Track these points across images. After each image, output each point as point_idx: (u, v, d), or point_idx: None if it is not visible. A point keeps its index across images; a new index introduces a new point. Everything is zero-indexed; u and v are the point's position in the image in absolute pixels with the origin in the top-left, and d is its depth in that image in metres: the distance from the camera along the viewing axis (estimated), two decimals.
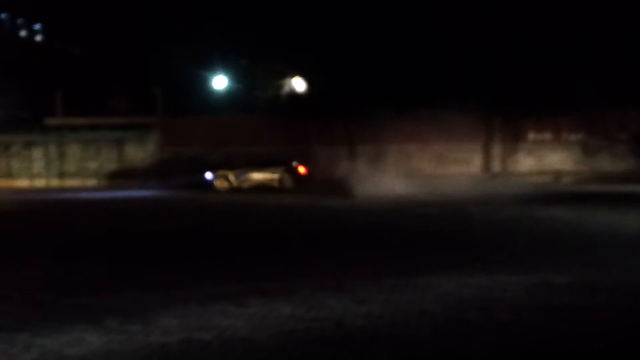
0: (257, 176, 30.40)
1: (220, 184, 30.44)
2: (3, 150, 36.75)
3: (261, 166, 30.52)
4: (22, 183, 35.63)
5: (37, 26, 49.89)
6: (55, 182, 35.96)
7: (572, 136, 34.98)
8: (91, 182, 35.83)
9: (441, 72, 29.86)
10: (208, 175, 30.84)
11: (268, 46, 34.95)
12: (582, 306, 8.01)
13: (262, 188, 29.97)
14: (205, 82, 38.97)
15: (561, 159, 34.62)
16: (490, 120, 34.63)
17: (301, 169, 30.60)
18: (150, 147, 36.11)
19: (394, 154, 32.67)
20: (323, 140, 33.43)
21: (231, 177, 30.47)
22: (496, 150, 34.89)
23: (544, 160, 34.70)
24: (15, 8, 46.93)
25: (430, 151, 34.44)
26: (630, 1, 30.06)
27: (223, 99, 38.62)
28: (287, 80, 37.57)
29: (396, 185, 26.15)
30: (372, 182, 26.94)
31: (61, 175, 36.28)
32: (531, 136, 35.11)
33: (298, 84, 37.65)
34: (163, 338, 6.91)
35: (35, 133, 37.23)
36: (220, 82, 38.67)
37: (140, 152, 36.10)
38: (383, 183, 26.66)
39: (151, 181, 34.21)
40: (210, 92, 38.97)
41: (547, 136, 35.15)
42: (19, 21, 48.81)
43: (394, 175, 28.35)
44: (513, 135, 34.72)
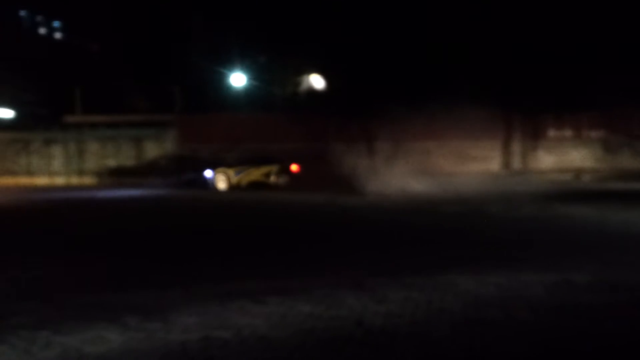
0: (255, 174, 30.30)
1: (220, 182, 30.14)
2: (23, 147, 36.95)
3: (257, 164, 30.50)
4: (42, 180, 35.83)
5: (56, 23, 50.17)
6: (74, 180, 36.14)
7: (593, 133, 34.79)
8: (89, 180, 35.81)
9: (461, 68, 29.75)
10: (208, 173, 30.36)
11: (286, 43, 34.98)
12: (602, 305, 7.95)
13: (259, 186, 29.89)
14: (223, 80, 39.04)
15: (582, 157, 34.43)
16: (510, 117, 34.49)
17: (294, 167, 30.55)
18: (168, 145, 36.23)
19: (412, 151, 32.60)
20: (341, 137, 33.41)
21: (231, 175, 30.32)
22: (516, 147, 34.75)
23: (565, 157, 34.52)
24: (34, 5, 47.23)
25: (449, 148, 34.31)
26: None
27: (241, 97, 38.66)
28: (305, 77, 37.59)
29: (413, 182, 26.08)
30: (389, 180, 26.88)
31: (80, 172, 36.47)
32: (551, 133, 34.93)
33: (316, 81, 37.65)
34: (182, 336, 6.92)
35: (54, 130, 37.41)
36: (238, 80, 38.73)
37: (158, 150, 36.22)
38: (400, 180, 26.59)
39: (148, 179, 34.00)
40: (228, 90, 39.03)
41: (568, 133, 34.96)
42: (38, 18, 49.10)
43: (412, 172, 28.28)
44: (533, 132, 34.55)
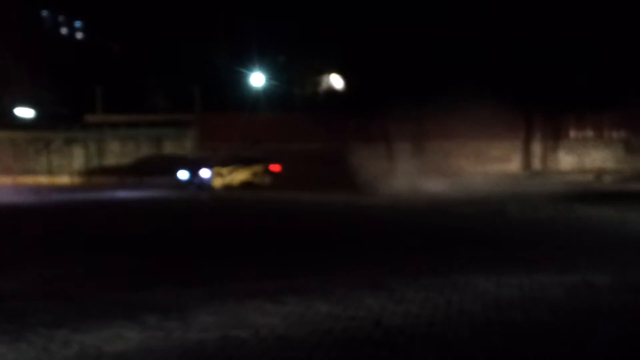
0: (245, 173, 30.38)
1: (216, 182, 29.95)
2: (44, 146, 37.22)
3: (246, 164, 30.60)
4: (63, 180, 36.02)
5: (78, 24, 50.47)
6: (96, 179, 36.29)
7: (614, 134, 34.54)
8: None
9: (481, 69, 29.61)
10: (205, 173, 30.07)
11: (305, 43, 34.99)
12: (622, 307, 7.88)
13: (248, 185, 29.94)
14: (243, 80, 39.12)
15: (603, 157, 34.20)
16: (530, 117, 34.32)
17: (275, 167, 30.83)
18: (188, 144, 36.36)
19: (432, 152, 32.49)
20: (360, 137, 33.34)
21: (225, 174, 30.24)
22: (536, 147, 34.56)
23: (585, 158, 34.30)
24: (56, 5, 47.54)
25: (468, 149, 34.16)
26: None
27: (260, 96, 38.74)
28: (325, 77, 37.59)
29: (431, 183, 25.99)
30: (407, 180, 26.82)
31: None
32: (572, 134, 34.72)
33: (336, 81, 37.63)
34: (200, 335, 6.93)
35: (75, 130, 37.66)
36: (257, 79, 38.78)
37: (179, 149, 36.34)
38: (418, 181, 26.52)
39: (132, 180, 33.80)
40: (248, 90, 39.11)
41: (589, 134, 34.74)
42: (60, 19, 49.41)
43: (430, 172, 28.20)
44: (553, 132, 34.37)
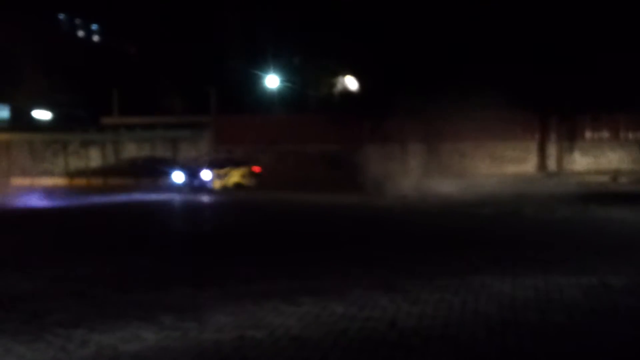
0: (236, 175, 30.88)
1: (216, 184, 30.39)
2: (61, 148, 37.47)
3: (235, 166, 31.28)
4: (80, 182, 36.20)
5: (94, 26, 50.79)
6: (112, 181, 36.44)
7: (630, 134, 34.34)
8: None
9: (497, 70, 29.50)
10: (206, 175, 30.48)
11: (320, 44, 35.00)
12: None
13: (238, 187, 30.43)
14: (258, 81, 39.21)
15: (619, 158, 34.00)
16: (546, 118, 34.17)
17: (256, 168, 31.68)
18: (203, 146, 36.48)
19: (447, 153, 32.44)
20: (375, 138, 33.32)
21: (223, 176, 30.69)
22: (552, 149, 34.42)
23: (601, 159, 34.12)
24: (73, 9, 47.84)
25: (484, 150, 34.08)
26: None
27: (275, 98, 38.81)
28: (340, 78, 37.59)
29: (447, 184, 25.94)
30: (422, 181, 26.80)
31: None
32: (588, 135, 34.55)
33: (350, 82, 37.63)
34: (216, 335, 6.96)
35: (92, 132, 37.89)
36: (272, 81, 38.85)
37: (194, 151, 36.47)
38: (433, 182, 26.47)
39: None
40: (262, 91, 39.19)
41: (605, 134, 34.56)
42: (77, 22, 49.73)
43: (445, 173, 28.15)
44: (569, 133, 34.19)
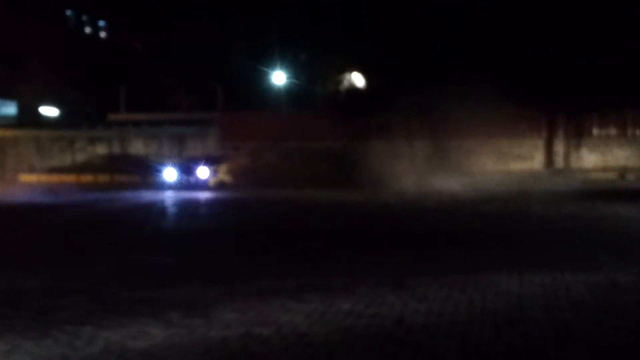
0: (221, 172, 31.50)
1: (211, 181, 30.82)
2: (68, 145, 37.52)
3: (218, 163, 32.03)
4: (87, 178, 36.22)
5: (102, 23, 50.85)
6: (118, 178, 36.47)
7: (638, 131, 34.23)
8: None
9: (503, 66, 29.44)
10: (203, 172, 30.76)
11: (327, 41, 34.97)
12: None
13: (221, 184, 30.90)
14: (264, 78, 39.20)
15: (626, 155, 33.90)
16: (553, 115, 34.09)
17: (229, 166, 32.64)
18: (210, 143, 36.49)
19: (454, 150, 32.38)
20: (382, 135, 33.27)
21: (217, 173, 31.32)
22: (559, 146, 34.34)
23: (609, 156, 34.02)
24: (80, 5, 47.90)
25: (490, 147, 34.01)
26: None
27: (282, 95, 38.80)
28: (346, 75, 37.56)
29: (454, 181, 25.93)
30: (429, 178, 26.79)
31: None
32: (595, 131, 34.46)
33: (357, 79, 37.59)
34: (224, 332, 6.97)
35: (99, 128, 37.92)
36: (279, 78, 38.84)
37: (201, 147, 36.49)
38: (440, 179, 26.47)
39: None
40: (269, 88, 39.18)
41: (612, 131, 34.46)
42: (84, 18, 49.78)
43: (452, 170, 28.12)
44: (576, 130, 34.11)
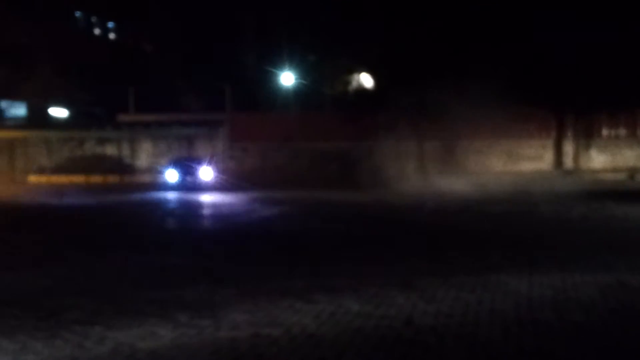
0: (203, 173, 31.19)
1: (191, 181, 30.74)
2: (78, 146, 37.63)
3: (200, 164, 31.75)
4: (96, 179, 36.31)
5: (111, 24, 50.95)
6: (127, 179, 36.53)
7: None
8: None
9: (512, 67, 29.38)
10: (206, 172, 30.77)
11: (335, 42, 34.97)
12: None
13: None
14: (273, 79, 39.21)
15: (636, 156, 33.82)
16: (562, 116, 34.01)
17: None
18: (219, 143, 36.54)
19: (463, 150, 32.35)
20: (390, 136, 33.23)
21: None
22: (568, 146, 34.25)
23: (618, 157, 33.93)
24: (89, 7, 48.00)
25: (500, 147, 33.97)
26: None
27: (290, 95, 38.80)
28: (355, 76, 37.55)
29: (462, 181, 25.91)
30: (438, 179, 26.80)
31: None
32: (605, 132, 34.36)
33: (366, 80, 37.57)
34: (232, 333, 6.98)
35: (108, 129, 38.01)
36: (288, 79, 38.85)
37: (209, 148, 36.54)
38: (449, 179, 26.45)
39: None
40: (278, 89, 39.19)
41: (622, 132, 34.36)
42: (93, 20, 49.88)
43: (461, 171, 28.11)
44: (586, 131, 34.02)
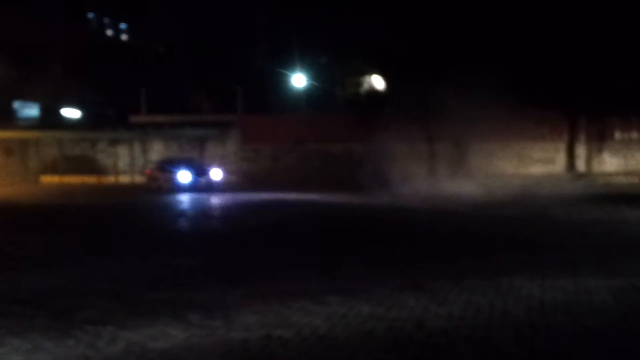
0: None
1: (167, 184, 30.50)
2: (90, 146, 37.79)
3: (185, 166, 31.54)
4: (108, 179, 36.46)
5: (123, 26, 51.12)
6: (139, 179, 36.67)
7: None
8: None
9: (525, 70, 29.29)
10: (217, 173, 30.77)
11: (347, 44, 34.96)
12: None
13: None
14: (284, 80, 39.26)
15: None
16: (574, 119, 33.88)
17: None
18: (230, 145, 36.60)
19: (474, 153, 32.26)
20: (401, 138, 33.13)
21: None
22: (580, 149, 34.12)
23: (631, 160, 33.79)
24: (101, 8, 48.18)
25: (512, 150, 33.87)
26: None
27: (302, 97, 38.84)
28: (367, 77, 37.54)
29: (474, 184, 25.83)
30: (450, 181, 26.75)
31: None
32: (617, 135, 34.22)
33: (377, 82, 37.55)
34: (244, 334, 6.99)
35: (120, 130, 38.15)
36: (299, 80, 38.88)
37: (221, 150, 36.61)
38: (461, 182, 26.40)
39: None
40: (289, 90, 39.23)
41: (635, 135, 34.21)
42: (105, 21, 50.05)
43: (473, 174, 28.04)
44: (598, 134, 33.89)
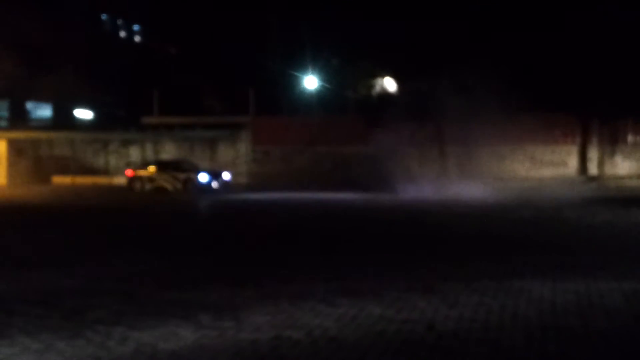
0: (161, 178, 30.91)
1: (150, 186, 30.62)
2: (102, 147, 37.91)
3: (165, 169, 31.45)
4: (120, 180, 36.55)
5: (136, 27, 51.34)
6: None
7: None
8: None
9: (538, 73, 29.22)
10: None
11: (358, 46, 34.96)
12: None
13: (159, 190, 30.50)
14: (296, 83, 39.29)
15: None
16: (587, 122, 33.76)
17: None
18: (242, 146, 36.65)
19: (486, 155, 32.18)
20: (413, 140, 33.09)
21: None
22: (593, 152, 33.99)
23: None
24: (115, 10, 48.39)
25: (523, 153, 33.78)
26: None
27: (314, 99, 38.85)
28: (378, 80, 37.51)
29: (485, 187, 25.80)
30: (461, 183, 26.74)
31: None
32: (630, 138, 34.08)
33: (389, 84, 37.52)
34: (254, 335, 6.98)
35: (132, 131, 38.28)
36: (311, 83, 38.90)
37: (232, 151, 36.68)
38: (472, 184, 26.36)
39: None
40: (301, 92, 39.26)
41: None
42: (119, 22, 50.27)
43: (484, 176, 27.99)
44: (611, 137, 33.75)
